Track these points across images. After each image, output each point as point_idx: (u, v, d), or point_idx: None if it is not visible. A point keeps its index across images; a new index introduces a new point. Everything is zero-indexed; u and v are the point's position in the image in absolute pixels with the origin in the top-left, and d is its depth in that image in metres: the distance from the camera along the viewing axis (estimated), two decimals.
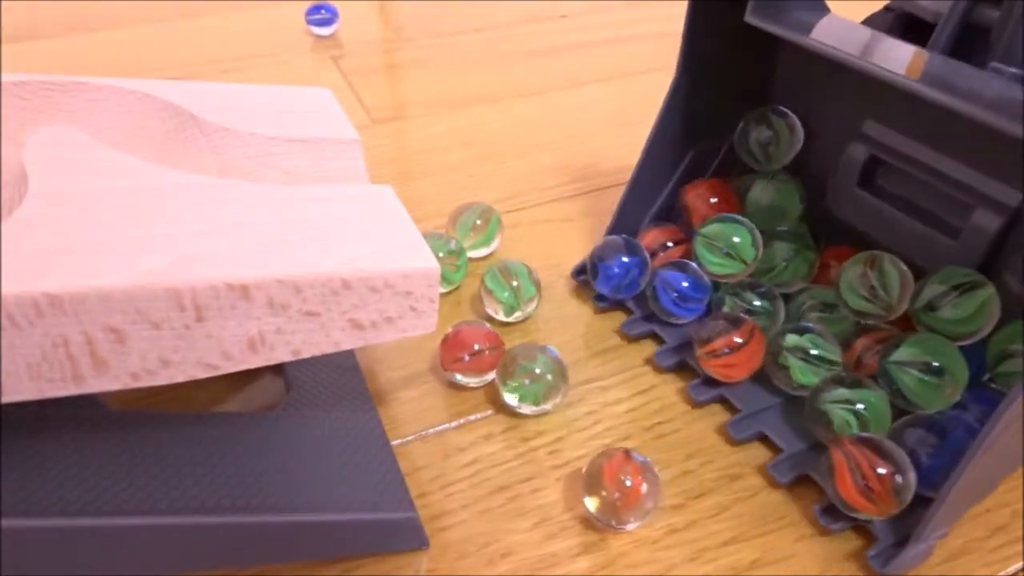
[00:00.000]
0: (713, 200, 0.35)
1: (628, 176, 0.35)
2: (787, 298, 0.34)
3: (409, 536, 0.26)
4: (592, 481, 0.26)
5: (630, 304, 0.36)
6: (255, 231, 0.22)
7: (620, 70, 0.58)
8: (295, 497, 0.24)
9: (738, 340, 0.30)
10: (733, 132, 0.36)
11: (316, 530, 0.24)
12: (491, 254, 0.39)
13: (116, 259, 0.20)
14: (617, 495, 0.26)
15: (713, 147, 0.37)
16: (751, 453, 0.30)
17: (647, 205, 0.37)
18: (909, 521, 0.26)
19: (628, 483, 0.26)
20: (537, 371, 0.30)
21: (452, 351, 0.31)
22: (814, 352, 0.29)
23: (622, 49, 0.62)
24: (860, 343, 0.30)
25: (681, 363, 0.33)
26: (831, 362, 0.29)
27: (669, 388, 0.32)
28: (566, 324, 0.35)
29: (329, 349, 0.23)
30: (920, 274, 0.29)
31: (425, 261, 0.23)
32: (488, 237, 0.38)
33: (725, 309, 0.33)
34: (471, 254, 0.38)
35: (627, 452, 0.27)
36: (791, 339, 0.30)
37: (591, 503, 0.26)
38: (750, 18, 0.30)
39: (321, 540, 0.24)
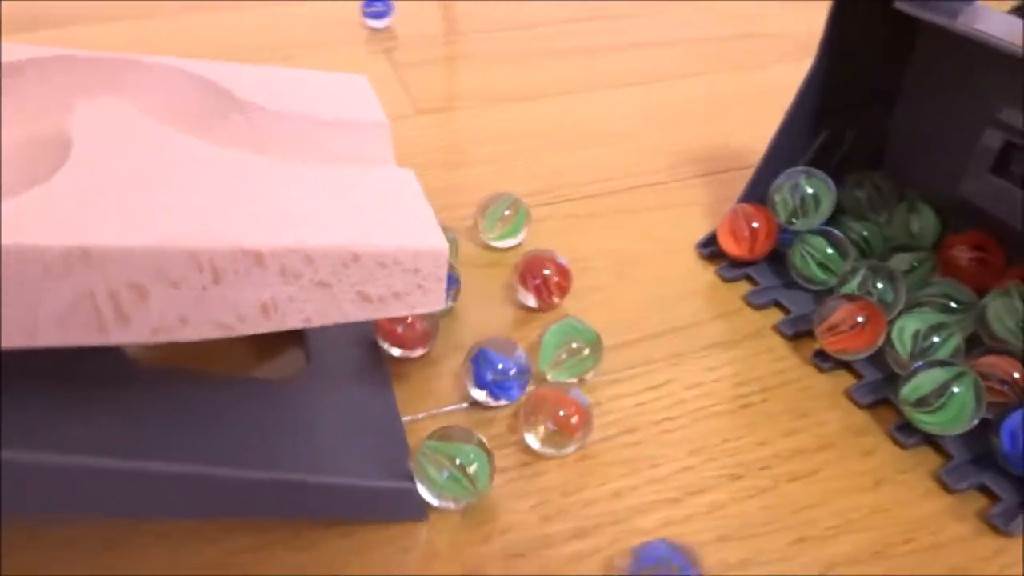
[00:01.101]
0: (755, 225, 0.37)
1: (656, 179, 0.36)
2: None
3: (409, 507, 0.27)
4: (528, 416, 0.29)
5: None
6: (275, 203, 0.23)
7: (664, 72, 0.58)
8: (303, 459, 0.25)
9: (859, 319, 0.31)
10: (863, 118, 0.38)
11: (321, 492, 0.25)
12: (518, 245, 0.40)
13: (143, 220, 0.21)
14: (553, 426, 0.28)
15: (841, 133, 0.38)
16: (758, 455, 0.30)
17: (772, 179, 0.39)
18: None
19: (562, 413, 0.28)
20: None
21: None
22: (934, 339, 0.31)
23: (668, 52, 0.62)
24: (985, 361, 0.30)
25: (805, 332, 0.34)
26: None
27: (678, 385, 0.33)
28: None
29: (339, 319, 0.24)
30: None
31: (434, 242, 0.24)
32: (515, 228, 0.39)
33: (844, 291, 0.34)
34: (498, 244, 0.39)
35: (560, 387, 0.29)
36: (900, 322, 0.31)
37: (531, 438, 0.29)
38: (900, 4, 0.32)
39: (325, 501, 0.25)
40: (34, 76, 0.27)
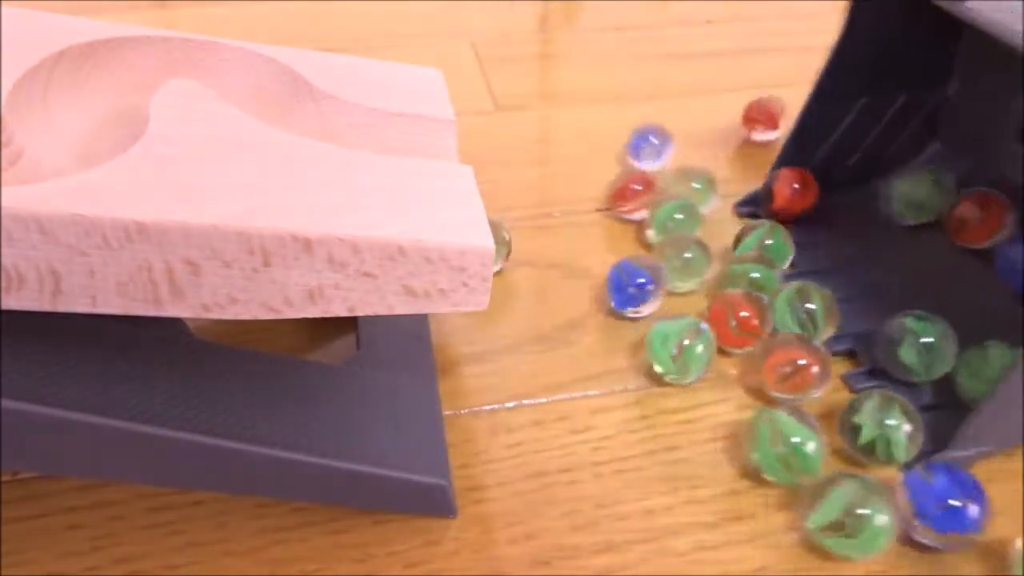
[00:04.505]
0: (796, 186, 0.38)
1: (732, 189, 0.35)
2: None
3: (439, 503, 0.27)
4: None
5: None
6: (330, 191, 0.24)
7: (753, 81, 0.56)
8: (339, 445, 0.25)
9: (801, 362, 0.30)
10: (915, 86, 0.36)
11: (354, 479, 0.25)
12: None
13: (201, 199, 0.22)
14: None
15: (886, 102, 0.37)
16: None
17: (813, 146, 0.38)
18: None
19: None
20: None
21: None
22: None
23: (760, 60, 0.60)
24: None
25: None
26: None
27: (731, 405, 0.32)
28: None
29: (383, 311, 0.24)
30: None
31: (481, 240, 0.24)
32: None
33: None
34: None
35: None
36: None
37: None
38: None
39: (357, 489, 0.26)
40: (124, 55, 0.29)
